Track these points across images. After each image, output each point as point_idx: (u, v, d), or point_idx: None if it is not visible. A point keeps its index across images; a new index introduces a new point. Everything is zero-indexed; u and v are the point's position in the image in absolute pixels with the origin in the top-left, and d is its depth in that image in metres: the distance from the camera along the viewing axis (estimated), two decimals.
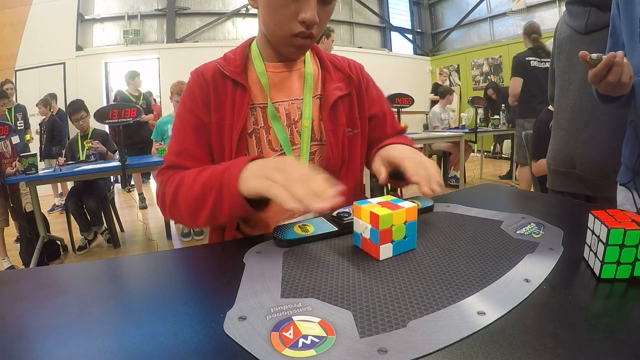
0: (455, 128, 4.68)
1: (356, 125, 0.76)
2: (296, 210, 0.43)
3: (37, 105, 4.24)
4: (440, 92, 4.61)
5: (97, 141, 3.01)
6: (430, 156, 4.43)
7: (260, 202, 0.52)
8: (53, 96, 4.68)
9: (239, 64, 0.70)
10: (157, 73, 6.30)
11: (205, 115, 0.70)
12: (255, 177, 0.50)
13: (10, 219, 2.57)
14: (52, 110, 4.36)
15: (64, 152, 3.19)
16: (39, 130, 4.32)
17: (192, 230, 3.01)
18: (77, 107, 3.00)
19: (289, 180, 0.46)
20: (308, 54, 0.76)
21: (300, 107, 0.73)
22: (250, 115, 0.71)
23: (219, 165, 0.58)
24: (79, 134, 3.10)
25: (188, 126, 0.69)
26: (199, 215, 0.57)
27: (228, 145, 0.69)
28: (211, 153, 0.71)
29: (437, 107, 4.61)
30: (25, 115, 4.33)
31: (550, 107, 1.94)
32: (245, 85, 0.69)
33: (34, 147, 4.25)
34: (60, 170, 2.47)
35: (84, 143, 2.97)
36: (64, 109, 4.75)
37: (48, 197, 4.81)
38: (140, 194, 4.19)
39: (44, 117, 4.23)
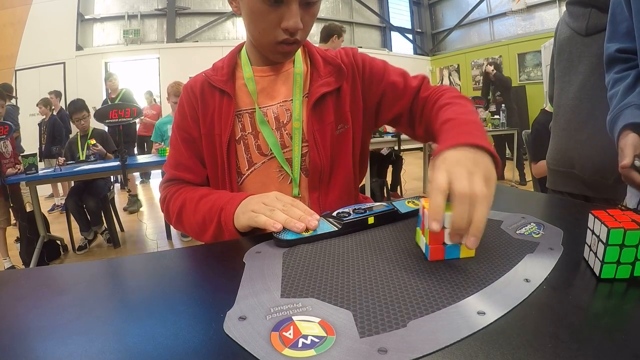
0: None
1: (347, 120, 0.73)
2: (278, 230, 0.50)
3: (37, 105, 4.22)
4: None
5: (99, 144, 3.01)
6: (430, 156, 4.41)
7: (254, 230, 0.58)
8: (58, 94, 4.62)
9: (226, 72, 0.71)
10: (157, 73, 6.31)
11: (195, 129, 0.73)
12: (244, 212, 0.57)
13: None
14: (53, 109, 4.33)
15: (63, 151, 3.19)
16: (39, 130, 4.29)
17: None
18: (78, 107, 3.00)
19: (271, 210, 0.53)
20: (299, 52, 0.74)
21: (289, 108, 0.72)
22: (237, 122, 0.72)
23: (217, 198, 0.64)
24: (78, 133, 3.10)
25: (180, 141, 0.75)
26: (202, 237, 0.66)
27: (219, 154, 0.71)
28: (204, 163, 0.75)
29: None
30: (14, 117, 4.13)
31: (546, 108, 1.94)
32: (231, 93, 0.70)
33: (33, 147, 4.22)
34: (61, 170, 2.47)
35: (89, 142, 2.97)
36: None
37: (48, 196, 4.80)
38: (135, 195, 4.02)
39: (44, 117, 4.21)
